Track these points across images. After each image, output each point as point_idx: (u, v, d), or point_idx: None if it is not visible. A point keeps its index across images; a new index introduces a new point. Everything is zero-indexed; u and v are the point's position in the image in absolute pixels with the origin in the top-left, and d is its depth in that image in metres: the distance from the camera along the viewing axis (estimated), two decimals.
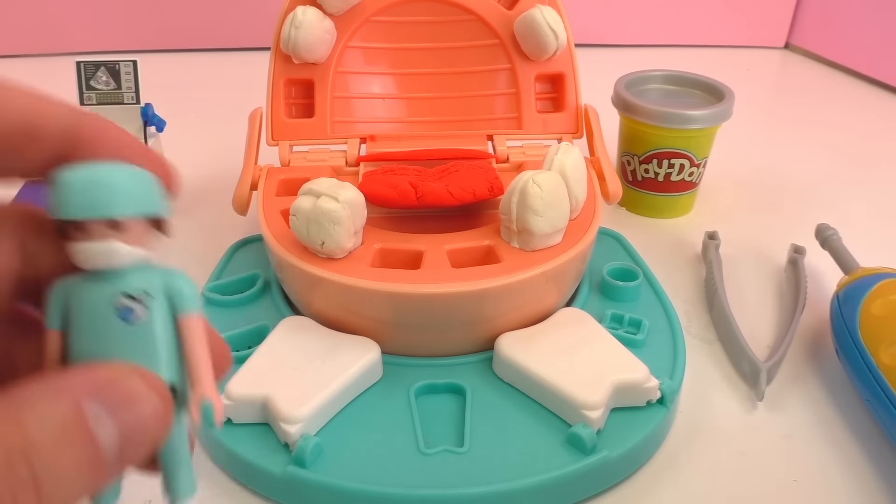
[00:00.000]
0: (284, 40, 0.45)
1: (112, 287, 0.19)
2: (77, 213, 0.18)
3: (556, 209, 0.37)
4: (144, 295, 0.19)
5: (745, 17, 0.97)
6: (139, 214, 0.19)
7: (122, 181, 0.19)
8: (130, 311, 0.19)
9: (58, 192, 0.19)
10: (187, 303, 0.20)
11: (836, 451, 0.36)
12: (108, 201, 0.18)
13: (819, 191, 0.62)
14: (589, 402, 0.32)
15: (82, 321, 0.19)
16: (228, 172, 0.55)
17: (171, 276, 0.20)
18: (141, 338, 0.19)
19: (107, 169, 0.19)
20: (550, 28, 0.46)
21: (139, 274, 0.19)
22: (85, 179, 0.18)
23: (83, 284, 0.19)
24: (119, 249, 0.19)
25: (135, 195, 0.19)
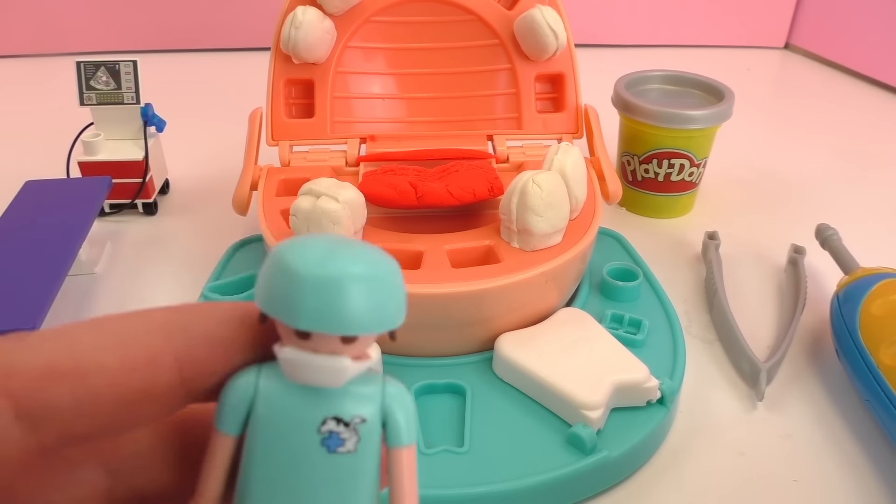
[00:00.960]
0: (284, 40, 0.45)
1: (321, 407, 0.16)
2: (310, 324, 0.15)
3: (556, 209, 0.37)
4: (358, 420, 0.16)
5: (745, 17, 0.97)
6: (379, 331, 0.16)
7: (372, 287, 0.15)
8: (339, 440, 0.16)
9: (278, 282, 0.15)
10: (404, 433, 0.16)
11: (836, 451, 0.36)
12: (355, 315, 0.15)
13: (819, 191, 0.62)
14: (589, 402, 0.32)
15: (271, 437, 0.16)
16: (228, 172, 0.55)
17: (391, 396, 0.16)
18: (342, 472, 0.16)
19: (353, 263, 0.15)
20: (550, 28, 0.46)
21: (356, 393, 0.16)
22: (324, 279, 0.15)
23: (282, 393, 0.16)
24: (347, 368, 0.15)
25: (382, 306, 0.15)
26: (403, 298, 0.16)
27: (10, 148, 0.67)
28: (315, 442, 0.15)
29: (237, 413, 0.16)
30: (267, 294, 0.15)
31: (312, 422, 0.16)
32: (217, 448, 0.16)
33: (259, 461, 0.16)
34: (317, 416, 0.16)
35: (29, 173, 0.52)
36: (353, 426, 0.16)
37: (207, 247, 0.50)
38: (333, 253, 0.15)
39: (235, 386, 0.16)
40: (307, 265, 0.15)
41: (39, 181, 0.50)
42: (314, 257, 0.15)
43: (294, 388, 0.16)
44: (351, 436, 0.16)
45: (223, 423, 0.16)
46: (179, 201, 0.58)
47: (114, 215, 0.55)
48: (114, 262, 0.50)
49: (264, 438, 0.16)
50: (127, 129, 0.54)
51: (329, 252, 0.15)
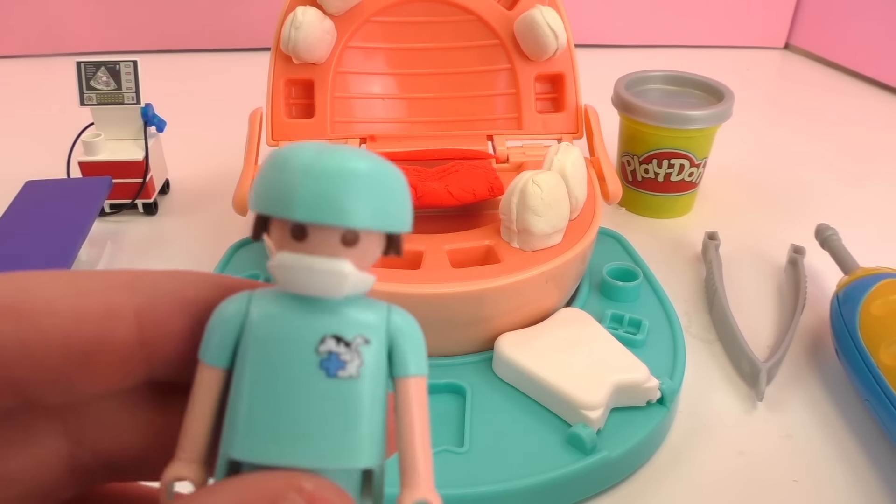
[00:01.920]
0: (284, 40, 0.45)
1: (319, 323, 0.14)
2: (308, 213, 0.13)
3: (555, 209, 0.37)
4: (361, 340, 0.14)
5: (745, 18, 0.97)
6: (383, 228, 0.14)
7: (374, 182, 0.14)
8: (339, 361, 0.14)
9: (276, 172, 0.14)
10: (411, 361, 0.15)
11: (836, 451, 0.36)
12: (356, 204, 0.14)
13: (819, 191, 0.62)
14: (589, 402, 0.32)
15: (263, 361, 0.14)
16: (228, 172, 0.56)
17: (396, 318, 0.15)
18: (343, 398, 0.14)
19: (353, 155, 0.14)
20: (550, 28, 0.46)
21: (357, 309, 0.14)
22: (323, 168, 0.13)
23: (276, 311, 0.14)
24: (349, 274, 0.14)
25: (386, 199, 0.14)
26: (409, 204, 0.15)
27: (10, 148, 0.67)
28: (313, 364, 0.14)
29: (225, 341, 0.14)
30: (260, 191, 0.14)
31: (310, 340, 0.14)
32: (202, 384, 0.15)
33: (249, 390, 0.14)
34: (314, 333, 0.14)
35: (29, 173, 0.52)
36: (355, 347, 0.14)
37: (207, 247, 0.50)
38: (333, 150, 0.14)
39: (223, 311, 0.15)
40: (304, 157, 0.14)
41: (40, 181, 0.50)
42: (311, 152, 0.14)
43: (288, 302, 0.14)
44: (353, 357, 0.14)
45: (209, 354, 0.15)
46: (180, 201, 0.58)
47: (114, 215, 0.55)
48: (114, 262, 0.50)
49: (255, 363, 0.14)
50: (127, 129, 0.54)
51: (328, 149, 0.14)
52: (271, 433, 0.14)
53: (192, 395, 0.15)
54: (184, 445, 0.15)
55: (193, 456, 0.15)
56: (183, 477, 0.15)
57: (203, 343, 0.15)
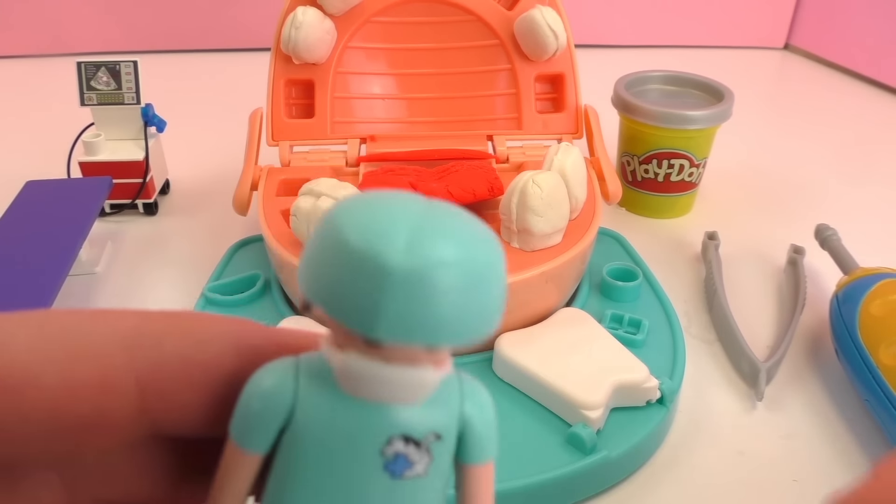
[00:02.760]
0: (284, 41, 0.45)
1: (387, 423, 0.12)
2: (395, 334, 0.11)
3: (555, 209, 0.37)
4: (433, 437, 0.13)
5: (745, 18, 0.97)
6: (477, 338, 0.12)
7: (471, 277, 0.11)
8: (407, 462, 0.12)
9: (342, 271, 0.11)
10: (486, 446, 0.13)
11: (835, 451, 0.36)
12: (452, 322, 0.11)
13: (819, 191, 0.62)
14: (589, 402, 0.32)
15: (318, 459, 0.12)
16: (228, 173, 0.56)
17: (471, 401, 0.13)
18: (407, 499, 0.13)
19: (449, 243, 0.11)
20: (550, 28, 0.46)
21: (430, 402, 0.13)
22: (416, 272, 0.11)
23: (335, 405, 0.12)
24: (430, 383, 0.12)
25: (484, 303, 0.12)
26: (504, 289, 0.12)
27: (10, 148, 0.67)
28: (376, 466, 0.12)
29: (268, 427, 0.12)
30: (322, 285, 0.11)
31: (374, 441, 0.12)
32: (236, 469, 0.13)
33: (301, 489, 0.12)
34: (381, 434, 0.12)
35: (29, 173, 0.52)
36: (426, 446, 0.12)
37: (208, 247, 0.50)
38: (420, 229, 0.11)
39: (265, 391, 0.12)
40: (388, 248, 0.11)
41: (40, 181, 0.50)
42: (397, 235, 0.11)
43: (352, 399, 0.12)
44: (422, 457, 0.12)
45: (247, 439, 0.13)
46: (180, 201, 0.58)
47: (114, 215, 0.55)
48: (114, 262, 0.50)
49: (308, 460, 0.12)
50: (127, 129, 0.54)
51: (414, 227, 0.11)
52: None
53: (223, 477, 0.13)
54: None
55: None
56: None
57: (238, 422, 0.13)
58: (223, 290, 0.43)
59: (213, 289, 0.42)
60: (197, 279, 0.46)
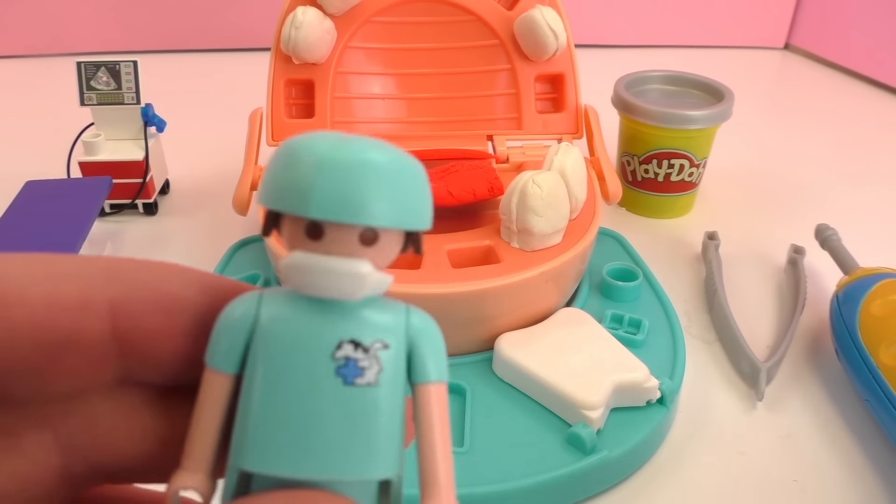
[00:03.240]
0: (284, 40, 0.45)
1: (335, 328, 0.13)
2: (326, 211, 0.13)
3: (555, 209, 0.37)
4: (380, 345, 0.13)
5: (745, 18, 0.97)
6: (404, 226, 0.14)
7: (394, 175, 0.13)
8: (357, 368, 0.13)
9: (288, 165, 0.13)
10: (432, 366, 0.14)
11: (835, 451, 0.36)
12: (376, 201, 0.13)
13: (819, 191, 0.62)
14: (589, 402, 0.32)
15: (275, 368, 0.13)
16: (228, 172, 0.56)
17: (415, 320, 0.14)
18: (360, 407, 0.13)
19: (372, 146, 0.13)
20: (550, 28, 0.46)
21: (375, 312, 0.14)
22: (340, 161, 0.13)
23: (289, 314, 0.13)
24: (368, 274, 0.13)
25: (407, 194, 0.13)
26: (430, 199, 0.14)
27: (10, 148, 0.67)
28: (329, 371, 0.13)
29: (234, 345, 0.14)
30: (271, 185, 0.13)
31: (325, 346, 0.13)
32: (209, 390, 0.14)
33: (261, 399, 0.13)
34: (331, 338, 0.13)
35: (29, 173, 0.52)
36: (374, 352, 0.13)
37: (207, 247, 0.50)
38: (350, 141, 0.13)
39: (231, 313, 0.14)
40: (320, 148, 0.13)
41: (40, 181, 0.50)
42: (327, 143, 0.13)
43: (303, 305, 0.13)
44: (371, 364, 0.13)
45: (217, 359, 0.14)
46: (180, 201, 0.58)
47: (114, 215, 0.55)
48: None
49: (267, 370, 0.13)
50: (127, 129, 0.54)
51: (344, 140, 0.13)
52: (285, 444, 0.13)
53: (199, 402, 0.14)
54: (190, 454, 0.14)
55: (200, 465, 0.14)
56: (189, 487, 0.14)
57: (210, 347, 0.14)
58: None
59: None
60: None
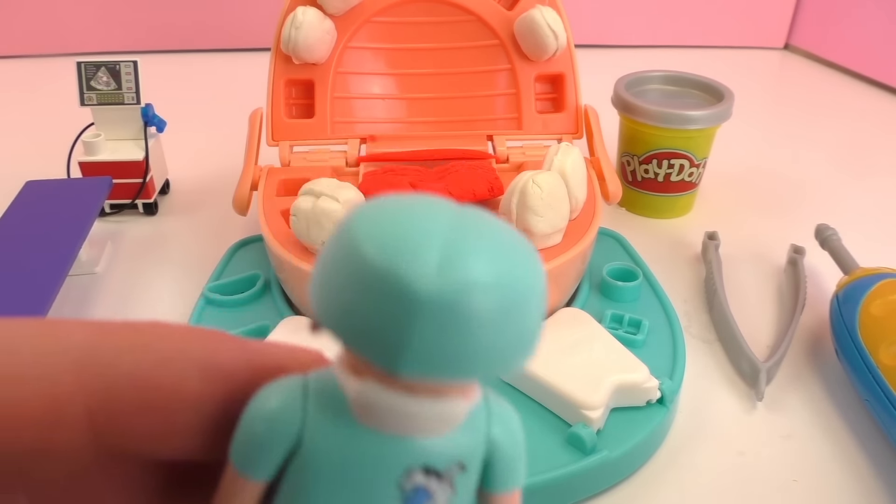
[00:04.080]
0: (285, 41, 0.45)
1: (406, 453, 0.11)
2: (421, 371, 0.10)
3: (555, 209, 0.37)
4: (456, 469, 0.11)
5: (744, 18, 0.97)
6: (510, 371, 0.11)
7: (512, 298, 0.10)
8: (426, 495, 0.11)
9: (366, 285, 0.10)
10: (514, 474, 0.12)
11: (835, 451, 0.36)
12: (485, 358, 0.10)
13: (819, 191, 0.62)
14: (589, 402, 0.32)
15: (324, 492, 0.11)
16: (228, 172, 0.56)
17: (499, 425, 0.12)
18: None
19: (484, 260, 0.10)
20: (550, 28, 0.46)
21: (456, 432, 0.11)
22: (448, 299, 0.09)
23: (348, 434, 0.11)
24: (458, 414, 0.11)
25: (521, 331, 0.10)
26: (544, 314, 0.11)
27: (10, 148, 0.67)
28: (394, 500, 0.11)
29: (272, 454, 0.11)
30: (337, 309, 0.10)
31: (392, 473, 0.11)
32: (236, 496, 0.12)
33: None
34: (399, 465, 0.11)
35: (29, 173, 0.52)
36: (449, 478, 0.11)
37: (208, 247, 0.50)
38: (451, 244, 0.09)
39: (270, 413, 0.11)
40: (416, 270, 0.09)
41: (40, 181, 0.50)
42: (429, 255, 0.09)
43: (367, 428, 0.11)
44: (444, 490, 0.11)
45: (249, 465, 0.11)
46: (180, 201, 0.58)
47: (114, 215, 0.55)
48: (114, 263, 0.50)
49: (318, 493, 0.11)
50: (127, 129, 0.54)
51: (445, 241, 0.09)
52: None
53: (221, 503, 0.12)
54: None
55: None
56: None
57: (239, 447, 0.12)
58: (223, 290, 0.42)
59: (213, 289, 0.42)
60: (197, 279, 0.46)
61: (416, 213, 0.10)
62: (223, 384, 0.12)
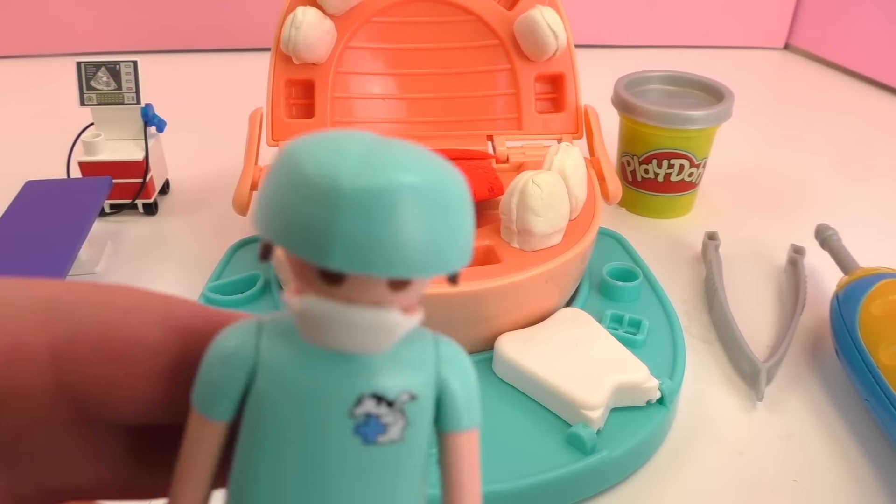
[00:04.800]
0: (285, 41, 0.45)
1: (355, 380, 0.11)
2: (350, 262, 0.10)
3: (555, 209, 0.37)
4: (406, 397, 0.12)
5: (745, 18, 0.97)
6: (444, 271, 0.11)
7: (434, 203, 0.11)
8: (379, 425, 0.11)
9: (297, 190, 0.10)
10: (465, 412, 0.12)
11: (835, 451, 0.36)
12: (413, 248, 0.10)
13: (819, 191, 0.62)
14: (589, 402, 0.32)
15: (284, 424, 0.11)
16: (228, 172, 0.55)
17: (447, 362, 0.13)
18: (382, 467, 0.12)
19: (405, 163, 0.11)
20: (550, 28, 0.46)
21: (402, 358, 0.12)
22: (370, 192, 0.10)
23: (298, 362, 0.11)
24: (398, 325, 0.11)
25: (449, 233, 0.11)
26: (472, 225, 0.12)
27: (10, 148, 0.67)
28: (346, 429, 0.11)
29: (230, 391, 0.12)
30: (274, 212, 0.11)
31: (342, 401, 0.11)
32: (200, 440, 0.12)
33: (267, 457, 0.11)
34: (349, 392, 0.11)
35: (29, 173, 0.52)
36: (400, 406, 0.11)
37: (207, 247, 0.50)
38: (374, 156, 0.10)
39: (225, 351, 0.12)
40: (340, 173, 0.10)
41: (40, 181, 0.50)
42: (348, 162, 0.10)
43: (315, 353, 0.11)
44: (396, 419, 0.11)
45: (209, 406, 0.12)
46: (180, 201, 0.58)
47: (114, 215, 0.55)
48: (114, 262, 0.50)
49: (272, 426, 0.11)
50: (127, 129, 0.54)
51: (367, 155, 0.10)
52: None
53: (187, 451, 0.12)
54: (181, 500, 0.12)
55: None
56: None
57: (198, 389, 0.12)
58: (223, 290, 0.42)
59: (213, 289, 0.42)
60: (197, 279, 0.46)
61: (347, 136, 0.11)
62: (182, 336, 0.13)
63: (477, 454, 0.13)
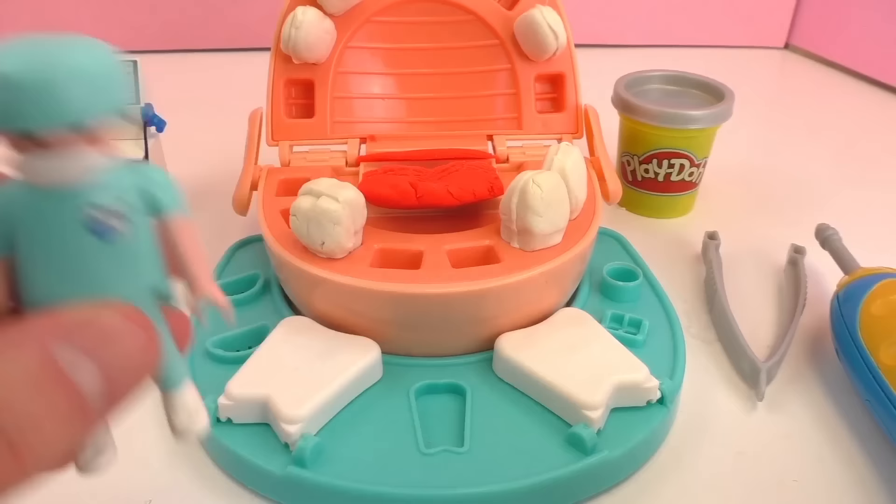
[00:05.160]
0: (284, 40, 0.45)
1: (76, 199, 0.15)
2: (31, 122, 0.14)
3: (556, 209, 0.37)
4: (120, 203, 0.16)
5: (745, 18, 0.97)
6: (111, 113, 0.15)
7: (87, 69, 0.14)
8: (105, 226, 0.16)
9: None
10: (169, 202, 0.17)
11: (835, 451, 0.36)
12: (74, 101, 0.14)
13: (819, 191, 0.62)
14: (589, 402, 0.32)
15: (40, 243, 0.15)
16: (228, 172, 0.55)
17: (145, 174, 0.17)
18: (122, 254, 0.16)
19: (60, 50, 0.14)
20: (550, 28, 0.46)
21: (107, 180, 0.16)
22: (36, 72, 0.14)
23: (37, 198, 0.15)
24: (87, 157, 0.15)
25: (104, 85, 0.15)
26: (118, 73, 0.15)
27: None
28: (83, 232, 0.15)
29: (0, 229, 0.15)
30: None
31: (74, 215, 0.15)
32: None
33: (33, 269, 0.16)
34: (73, 208, 0.15)
35: None
36: (115, 209, 0.16)
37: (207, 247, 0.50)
38: (45, 43, 0.14)
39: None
40: (15, 58, 0.14)
41: None
42: (25, 53, 0.14)
43: (48, 190, 0.15)
44: (117, 217, 0.16)
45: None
46: None
47: None
48: None
49: (30, 244, 0.15)
50: (127, 129, 0.54)
51: (41, 44, 0.14)
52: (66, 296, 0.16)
53: None
54: None
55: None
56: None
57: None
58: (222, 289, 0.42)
59: None
60: None
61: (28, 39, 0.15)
62: None
63: (194, 232, 0.18)
